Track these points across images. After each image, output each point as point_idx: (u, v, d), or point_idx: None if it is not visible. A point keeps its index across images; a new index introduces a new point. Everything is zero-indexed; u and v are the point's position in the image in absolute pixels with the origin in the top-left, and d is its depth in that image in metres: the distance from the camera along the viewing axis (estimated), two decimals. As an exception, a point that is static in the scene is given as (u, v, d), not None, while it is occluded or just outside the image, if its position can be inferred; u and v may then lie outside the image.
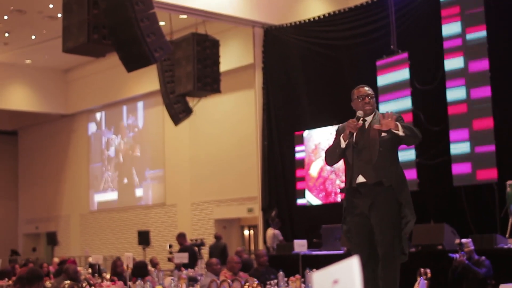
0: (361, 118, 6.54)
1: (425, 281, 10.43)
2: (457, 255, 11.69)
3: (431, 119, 16.70)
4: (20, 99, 30.89)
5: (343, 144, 6.54)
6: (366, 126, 6.50)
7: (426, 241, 13.48)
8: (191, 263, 16.76)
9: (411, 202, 6.39)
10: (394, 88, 17.34)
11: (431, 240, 13.45)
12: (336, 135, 6.74)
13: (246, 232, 26.09)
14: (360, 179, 6.40)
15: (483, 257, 11.62)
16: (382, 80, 17.47)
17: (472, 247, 11.82)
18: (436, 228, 13.75)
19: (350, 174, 6.47)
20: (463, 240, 12.01)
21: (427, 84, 16.91)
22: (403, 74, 17.26)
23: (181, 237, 19.26)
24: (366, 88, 6.66)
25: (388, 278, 6.28)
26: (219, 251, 19.28)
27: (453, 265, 11.75)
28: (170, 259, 20.33)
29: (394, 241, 6.25)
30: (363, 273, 2.60)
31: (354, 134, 6.52)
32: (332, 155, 6.71)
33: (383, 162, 6.36)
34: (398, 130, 6.22)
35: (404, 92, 17.16)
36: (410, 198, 6.41)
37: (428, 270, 10.63)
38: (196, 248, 19.05)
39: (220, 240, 20.54)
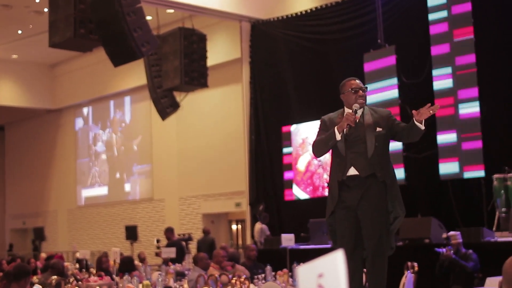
0: (356, 110, 6.52)
1: (412, 274, 10.45)
2: (444, 250, 11.69)
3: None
4: (6, 94, 30.77)
5: (338, 137, 6.45)
6: (358, 119, 6.48)
7: (413, 235, 13.51)
8: (179, 258, 16.74)
9: (401, 198, 6.39)
10: (381, 82, 17.35)
11: (418, 233, 13.48)
12: (321, 126, 6.65)
13: (234, 227, 26.09)
14: (352, 171, 6.37)
15: (470, 251, 11.63)
16: (369, 73, 17.48)
17: (460, 240, 11.84)
18: (423, 222, 13.78)
19: (341, 167, 6.43)
20: (451, 233, 12.02)
21: (414, 78, 16.93)
22: (390, 67, 17.28)
23: (169, 231, 19.23)
24: (358, 81, 6.61)
25: (376, 273, 6.27)
26: (207, 245, 19.26)
27: (440, 260, 11.76)
28: (157, 254, 20.33)
29: (382, 236, 6.24)
30: (348, 266, 2.59)
31: (346, 128, 6.51)
32: (323, 147, 6.58)
33: (378, 157, 6.34)
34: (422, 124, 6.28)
35: (391, 85, 17.18)
36: (400, 194, 6.40)
37: (415, 264, 10.66)
38: (183, 243, 19.04)
39: (208, 234, 20.53)
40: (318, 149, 6.62)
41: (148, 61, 19.59)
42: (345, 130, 6.42)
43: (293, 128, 20.37)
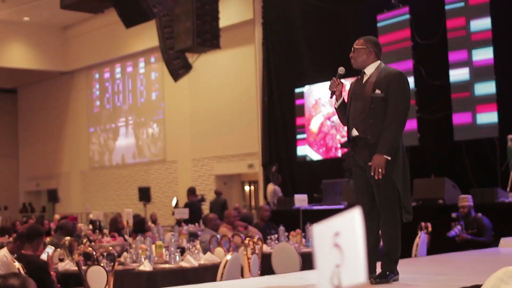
0: (341, 75, 6.40)
1: (426, 235, 10.45)
2: (455, 231, 11.29)
3: (432, 74, 16.62)
4: (19, 56, 30.75)
5: (336, 104, 6.45)
6: (365, 79, 6.36)
7: (427, 195, 13.48)
8: (197, 219, 16.81)
9: (394, 169, 6.14)
10: (395, 43, 17.22)
11: (432, 194, 13.45)
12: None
13: (246, 188, 26.12)
14: (355, 132, 6.31)
15: (480, 214, 11.46)
16: (383, 34, 17.33)
17: (471, 203, 11.59)
18: (437, 183, 13.74)
19: (348, 126, 6.38)
20: (461, 196, 11.84)
21: (428, 39, 16.78)
22: (404, 28, 17.14)
23: (189, 191, 19.31)
24: (357, 41, 6.48)
25: (389, 235, 6.22)
26: (219, 206, 19.30)
27: (457, 242, 11.41)
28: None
29: (392, 197, 6.17)
30: (365, 224, 2.55)
31: (353, 88, 6.40)
32: (338, 116, 6.62)
33: (371, 119, 6.20)
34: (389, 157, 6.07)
35: (405, 46, 17.04)
36: (398, 163, 6.16)
37: (429, 224, 10.65)
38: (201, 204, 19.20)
39: (220, 195, 20.57)
40: (339, 117, 6.63)
41: (160, 22, 19.48)
42: (335, 96, 6.37)
43: (306, 89, 20.28)
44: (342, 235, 1.73)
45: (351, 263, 1.71)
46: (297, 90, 20.49)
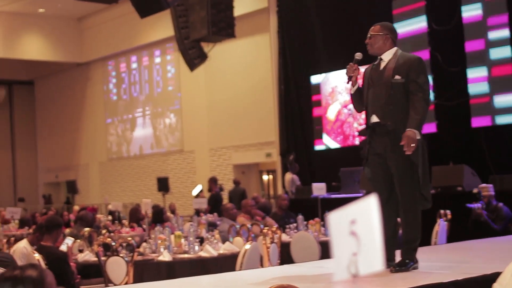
0: (358, 60, 6.37)
1: (445, 222, 10.41)
2: (475, 205, 11.41)
3: (448, 60, 16.52)
4: (35, 48, 30.83)
5: (352, 89, 6.42)
6: (383, 65, 6.32)
7: (445, 183, 13.43)
8: (218, 208, 16.87)
9: (416, 153, 6.10)
10: (410, 30, 17.12)
11: (450, 181, 13.39)
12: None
13: (265, 177, 26.11)
14: (374, 118, 6.26)
15: (501, 204, 11.41)
16: (398, 20, 17.24)
17: (492, 193, 11.58)
18: (456, 170, 13.68)
19: (367, 113, 6.34)
20: (482, 185, 11.81)
21: (444, 25, 16.68)
22: (420, 14, 17.04)
23: (212, 181, 19.36)
24: (372, 27, 6.45)
25: (408, 222, 6.18)
26: (238, 196, 19.31)
27: (472, 216, 11.47)
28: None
29: (412, 185, 6.13)
30: (383, 213, 2.52)
31: (370, 74, 6.35)
32: (352, 102, 6.58)
33: (392, 105, 6.16)
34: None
35: (421, 32, 16.95)
36: (419, 149, 6.12)
37: (448, 212, 10.60)
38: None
39: (239, 185, 20.58)
40: (353, 103, 6.60)
41: (175, 12, 19.47)
42: (351, 82, 6.34)
43: (322, 77, 20.22)
44: (359, 223, 1.71)
45: (368, 251, 1.70)
46: (313, 78, 20.43)
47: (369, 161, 6.36)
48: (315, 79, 20.38)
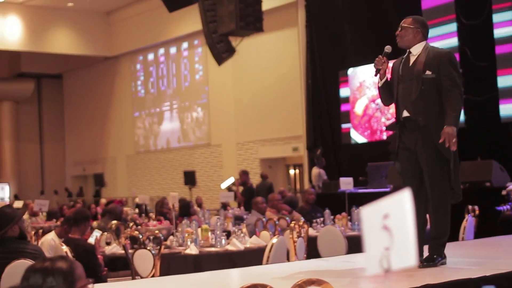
0: (388, 53, 6.32)
1: (473, 218, 10.34)
2: (504, 208, 11.29)
3: (477, 55, 16.41)
4: (64, 42, 30.99)
5: (380, 83, 6.37)
6: (412, 59, 6.27)
7: (473, 178, 13.33)
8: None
9: (448, 148, 6.06)
10: (440, 24, 17.03)
11: (479, 177, 13.30)
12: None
13: (291, 171, 26.09)
14: (405, 113, 6.22)
15: None
16: (427, 14, 17.14)
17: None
18: (484, 165, 13.59)
19: (398, 108, 6.30)
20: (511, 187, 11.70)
21: (473, 19, 16.56)
22: (449, 8, 16.94)
23: (244, 174, 19.42)
24: (404, 20, 6.39)
25: (438, 218, 6.15)
26: (265, 190, 19.31)
27: (500, 217, 11.36)
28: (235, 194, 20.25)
29: (443, 180, 6.09)
30: (413, 207, 2.50)
31: (400, 68, 6.29)
32: (380, 95, 6.53)
33: (422, 101, 6.12)
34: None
35: (450, 27, 16.85)
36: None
37: (476, 207, 10.52)
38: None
39: (266, 179, 20.57)
40: (380, 97, 6.55)
41: (203, 6, 19.48)
42: (379, 75, 6.29)
43: (350, 71, 20.17)
44: (391, 218, 1.70)
45: (400, 246, 1.69)
46: (341, 73, 20.38)
47: (399, 155, 6.33)
48: (343, 73, 20.32)
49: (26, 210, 9.52)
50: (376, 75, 6.38)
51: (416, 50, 6.24)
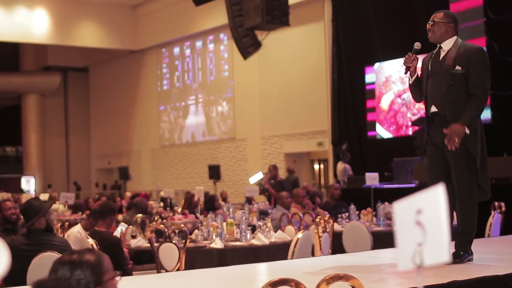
0: (417, 50, 6.26)
1: (499, 214, 10.27)
2: None
3: (505, 50, 16.29)
4: (90, 35, 31.11)
5: (410, 80, 6.32)
6: (442, 54, 6.21)
7: (500, 174, 13.23)
8: None
9: (478, 146, 6.03)
10: (467, 18, 16.91)
11: (505, 173, 13.20)
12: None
13: (316, 166, 26.06)
14: (433, 108, 6.17)
15: None
16: (455, 8, 17.04)
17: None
18: (510, 161, 13.50)
19: (426, 103, 6.25)
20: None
21: (501, 14, 16.44)
22: (476, 3, 16.82)
23: (274, 168, 19.44)
24: (435, 14, 6.31)
25: (465, 214, 6.10)
26: (291, 184, 19.30)
27: None
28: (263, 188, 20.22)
29: (470, 177, 6.04)
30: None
31: (430, 63, 6.24)
32: (411, 92, 6.47)
33: (451, 96, 6.06)
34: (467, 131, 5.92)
35: (478, 22, 16.74)
36: (478, 141, 6.04)
37: (503, 204, 10.45)
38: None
39: (293, 173, 20.55)
40: (411, 93, 6.50)
41: (229, 0, 19.47)
42: (409, 72, 6.24)
43: (376, 66, 20.09)
44: (425, 213, 1.68)
45: (433, 242, 1.67)
46: (367, 68, 20.31)
47: (426, 151, 6.28)
48: (369, 68, 20.25)
49: (53, 203, 9.56)
50: (406, 73, 6.32)
51: (447, 45, 6.18)
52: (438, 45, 6.22)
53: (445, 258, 1.65)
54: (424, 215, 1.67)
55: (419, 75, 6.31)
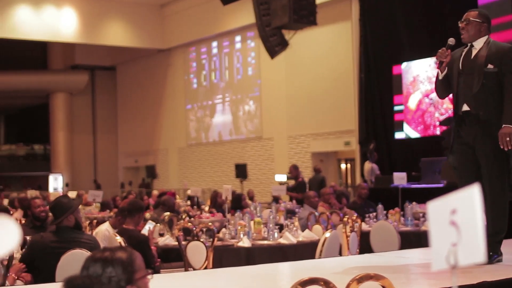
0: (451, 45, 6.23)
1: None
2: None
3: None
4: (118, 34, 31.23)
5: (440, 76, 6.29)
6: (474, 53, 6.17)
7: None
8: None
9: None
10: (495, 15, 16.79)
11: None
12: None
13: (343, 166, 26.00)
14: (465, 107, 6.13)
15: None
16: (484, 7, 16.92)
17: None
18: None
19: (456, 102, 6.21)
20: None
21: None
22: (505, 1, 16.72)
23: (296, 169, 19.44)
24: (469, 13, 6.28)
25: (496, 214, 6.06)
26: (317, 183, 19.27)
27: None
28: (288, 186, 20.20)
29: (502, 176, 6.00)
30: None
31: (460, 61, 6.20)
32: (437, 87, 6.43)
33: (484, 94, 6.03)
34: None
35: (507, 18, 16.62)
36: None
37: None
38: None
39: (319, 173, 20.52)
40: (436, 90, 6.47)
41: (257, -1, 19.47)
42: (441, 68, 6.20)
43: (404, 66, 20.01)
44: (459, 213, 1.68)
45: (468, 242, 1.66)
46: (395, 67, 20.24)
47: (454, 149, 6.24)
48: (396, 68, 20.18)
49: (81, 201, 9.63)
50: (438, 68, 6.29)
51: (479, 43, 6.15)
52: (469, 44, 6.19)
53: (481, 258, 1.64)
54: (459, 215, 1.67)
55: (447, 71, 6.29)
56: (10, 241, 1.65)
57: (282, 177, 22.99)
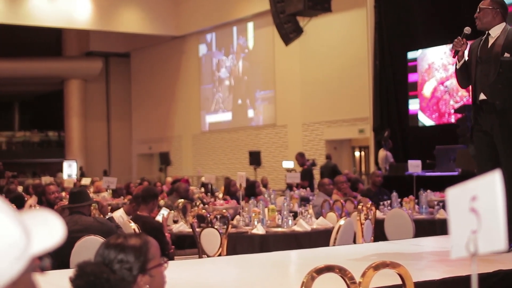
0: (467, 34, 6.19)
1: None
2: None
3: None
4: (132, 21, 31.22)
5: (458, 65, 6.25)
6: (491, 41, 6.12)
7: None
8: (310, 183, 16.97)
9: None
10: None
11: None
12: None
13: (357, 153, 25.96)
14: (482, 96, 6.10)
15: None
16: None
17: None
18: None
19: (474, 90, 6.18)
20: None
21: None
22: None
23: (302, 157, 19.42)
24: (483, 1, 6.22)
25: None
26: (328, 170, 19.25)
27: None
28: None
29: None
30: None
31: (478, 50, 6.16)
32: (457, 77, 6.40)
33: (500, 83, 5.99)
34: None
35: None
36: None
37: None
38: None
39: (330, 160, 20.50)
40: (457, 79, 6.43)
41: (271, -14, 19.44)
42: (457, 57, 6.16)
43: (419, 53, 19.92)
44: (480, 200, 1.65)
45: (489, 229, 1.64)
46: (410, 54, 20.16)
47: (474, 138, 6.21)
48: (411, 55, 20.10)
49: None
50: (454, 57, 6.26)
51: (495, 31, 6.10)
52: (487, 32, 6.15)
53: (502, 246, 1.61)
54: (480, 202, 1.64)
55: (467, 60, 6.25)
56: (52, 237, 1.64)
57: (289, 164, 22.99)
